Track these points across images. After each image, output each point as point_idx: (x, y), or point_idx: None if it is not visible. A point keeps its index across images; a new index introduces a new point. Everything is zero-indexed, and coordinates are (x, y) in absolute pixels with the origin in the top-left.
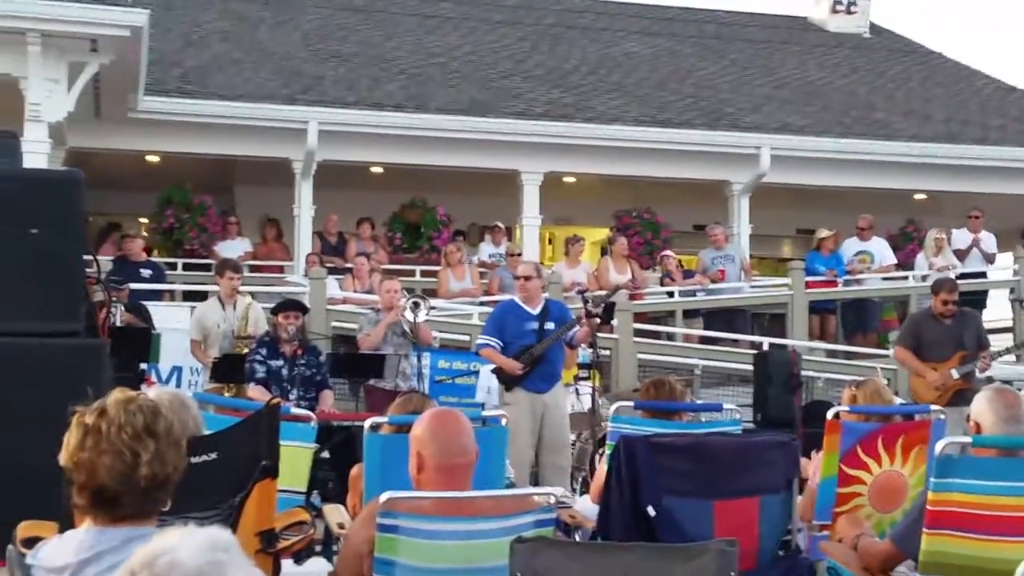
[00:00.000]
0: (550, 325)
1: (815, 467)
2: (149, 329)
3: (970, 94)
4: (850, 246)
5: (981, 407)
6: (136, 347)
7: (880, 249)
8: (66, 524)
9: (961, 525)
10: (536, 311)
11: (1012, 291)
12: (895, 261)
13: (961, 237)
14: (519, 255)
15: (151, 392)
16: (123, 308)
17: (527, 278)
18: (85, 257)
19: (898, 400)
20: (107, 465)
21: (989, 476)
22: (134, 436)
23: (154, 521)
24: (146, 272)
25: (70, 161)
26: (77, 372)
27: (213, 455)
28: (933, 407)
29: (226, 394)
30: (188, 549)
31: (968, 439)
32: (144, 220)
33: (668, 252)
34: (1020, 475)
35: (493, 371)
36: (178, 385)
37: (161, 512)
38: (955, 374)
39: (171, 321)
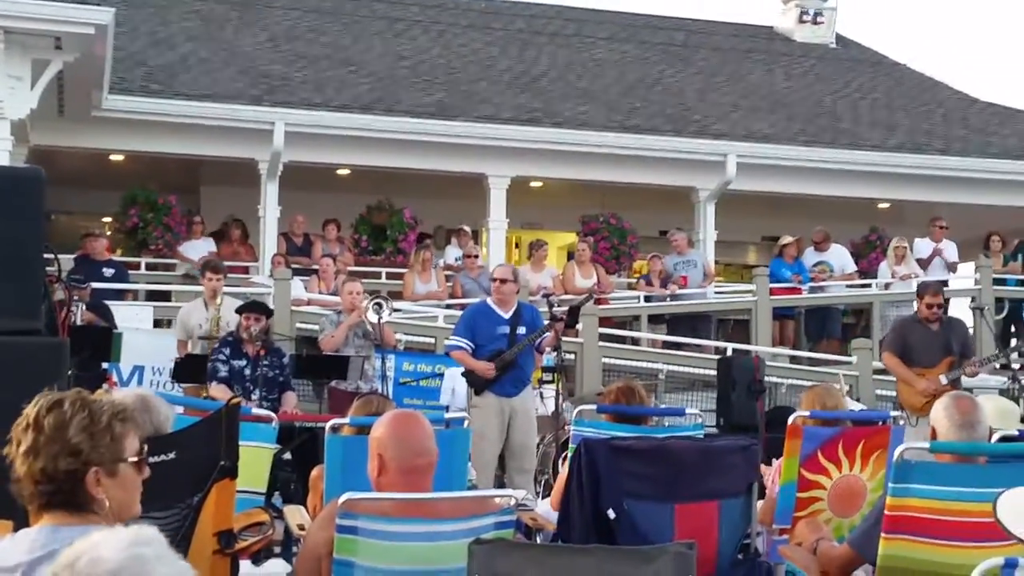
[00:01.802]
0: (521, 330)
1: (775, 472)
2: (110, 328)
3: (934, 105)
4: (809, 256)
5: (938, 413)
6: (97, 346)
7: (839, 258)
8: (22, 523)
9: (918, 530)
10: (508, 315)
11: (973, 299)
12: (856, 269)
13: (923, 246)
14: (477, 257)
15: (117, 392)
16: (84, 307)
17: (503, 281)
18: (46, 255)
19: (859, 406)
20: (11, 457)
21: (946, 482)
22: (23, 428)
23: (105, 520)
24: (108, 271)
25: (33, 159)
26: (37, 371)
27: (171, 455)
28: (894, 413)
29: (203, 395)
30: (109, 546)
31: (926, 445)
32: (108, 219)
33: (659, 255)
34: (976, 481)
35: (463, 373)
36: (139, 384)
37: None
38: (944, 380)
39: (133, 320)
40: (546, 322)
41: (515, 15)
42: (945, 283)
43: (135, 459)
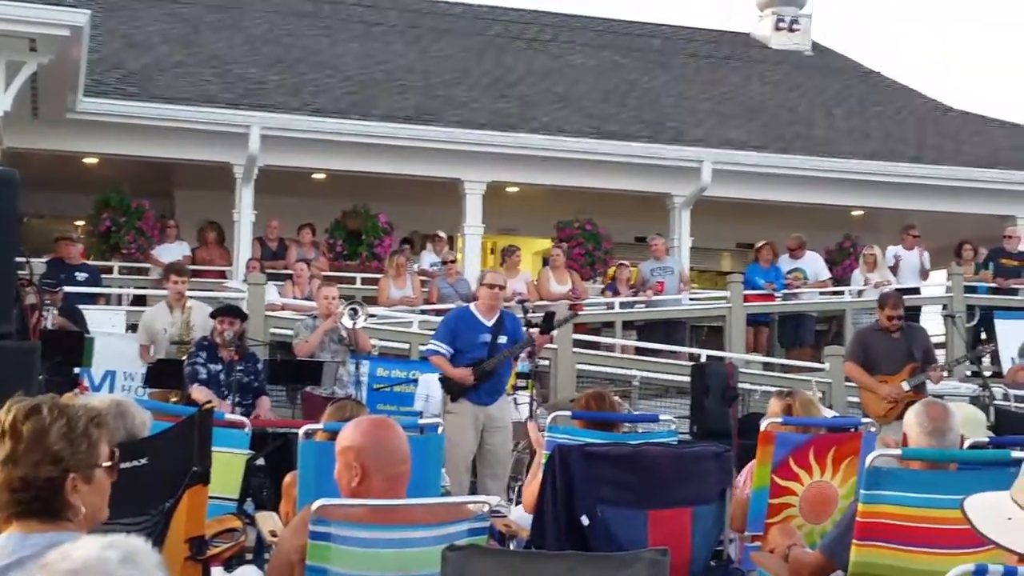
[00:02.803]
0: (503, 339)
1: (746, 475)
2: (82, 333)
3: (907, 113)
4: (784, 263)
5: (909, 420)
6: (69, 351)
7: (813, 265)
8: None
9: (890, 536)
10: (491, 323)
11: (944, 307)
12: (830, 276)
13: (894, 253)
14: (453, 262)
15: (93, 398)
16: (56, 311)
17: (501, 288)
18: (18, 259)
19: (832, 413)
20: None
21: (917, 488)
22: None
23: (78, 527)
24: (81, 275)
25: (6, 161)
26: (7, 375)
27: (143, 460)
28: (865, 420)
29: (172, 400)
30: (84, 554)
31: (898, 451)
32: (80, 223)
33: (625, 262)
34: (947, 487)
35: (440, 379)
36: (111, 390)
37: (87, 520)
38: (906, 386)
39: (105, 325)
40: (524, 329)
41: (492, 20)
42: (916, 290)
43: (108, 464)
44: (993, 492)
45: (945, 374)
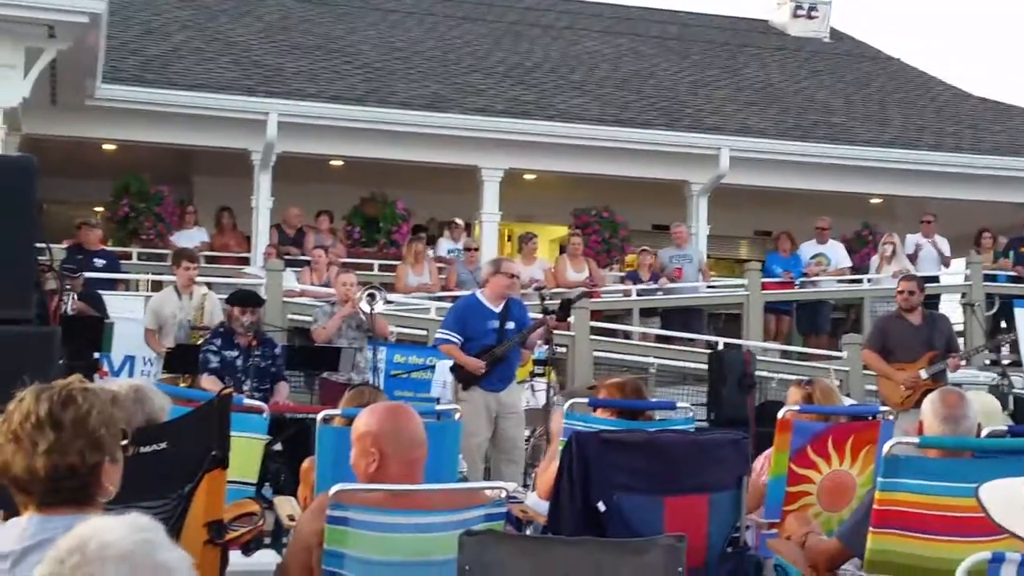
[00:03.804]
0: (510, 324)
1: (764, 461)
2: (102, 318)
3: (927, 100)
4: (807, 248)
5: (925, 408)
6: (88, 336)
7: (836, 252)
8: (12, 512)
9: (906, 524)
10: (498, 309)
11: (963, 295)
12: (850, 264)
13: (914, 241)
14: (476, 250)
15: (112, 383)
16: (76, 297)
17: (517, 276)
18: (37, 244)
19: (849, 401)
20: (11, 454)
21: (934, 476)
22: (36, 425)
23: (98, 508)
24: (100, 262)
25: (25, 147)
26: (28, 360)
27: (163, 445)
28: (883, 408)
29: (181, 384)
30: (116, 531)
31: (916, 440)
32: (99, 209)
33: (648, 249)
34: (963, 475)
35: (451, 368)
36: (131, 375)
37: (106, 500)
38: (923, 375)
39: (125, 311)
40: (538, 315)
41: (509, 7)
42: (936, 278)
43: (124, 443)
44: (1009, 479)
45: (963, 363)
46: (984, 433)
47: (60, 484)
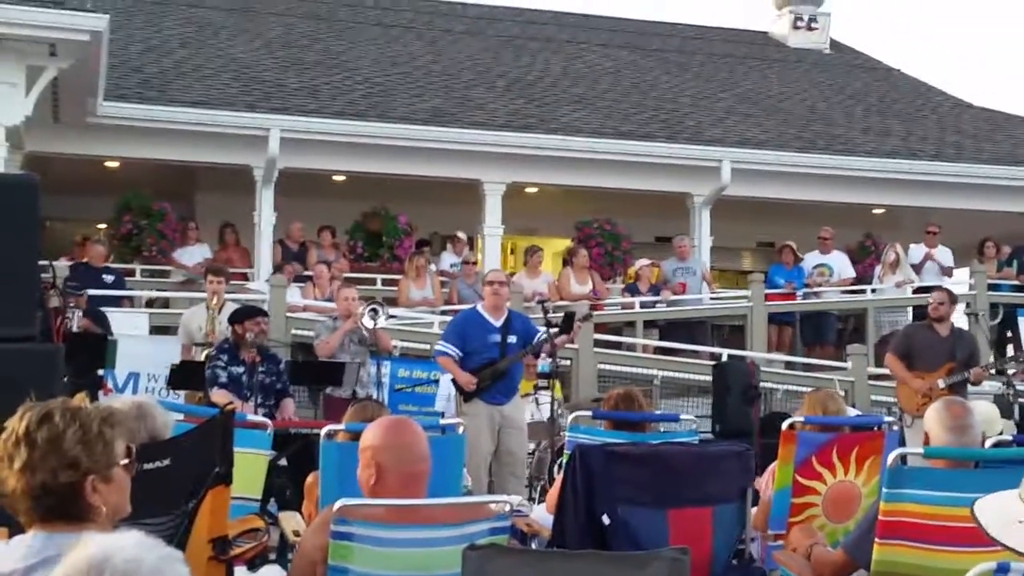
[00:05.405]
0: (512, 338)
1: (768, 476)
2: (106, 335)
3: (928, 110)
4: (811, 259)
5: (930, 418)
6: (93, 353)
7: (839, 262)
8: (16, 529)
9: (912, 535)
10: (499, 322)
11: (968, 305)
12: (854, 275)
13: (918, 252)
14: (475, 264)
15: (115, 399)
16: (80, 314)
17: (501, 283)
18: (41, 262)
19: (853, 411)
20: (3, 471)
21: (939, 487)
22: (15, 443)
23: (101, 526)
24: (108, 278)
25: (28, 165)
26: (30, 378)
27: (166, 461)
28: (888, 418)
29: (198, 401)
30: (137, 548)
31: (920, 450)
32: (102, 226)
33: (648, 262)
34: (968, 486)
35: (452, 380)
36: (135, 391)
37: (120, 518)
38: (941, 383)
39: (129, 327)
40: (541, 328)
41: (509, 21)
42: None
43: (126, 461)
44: (1003, 492)
45: (990, 373)
46: (989, 443)
47: (39, 502)
